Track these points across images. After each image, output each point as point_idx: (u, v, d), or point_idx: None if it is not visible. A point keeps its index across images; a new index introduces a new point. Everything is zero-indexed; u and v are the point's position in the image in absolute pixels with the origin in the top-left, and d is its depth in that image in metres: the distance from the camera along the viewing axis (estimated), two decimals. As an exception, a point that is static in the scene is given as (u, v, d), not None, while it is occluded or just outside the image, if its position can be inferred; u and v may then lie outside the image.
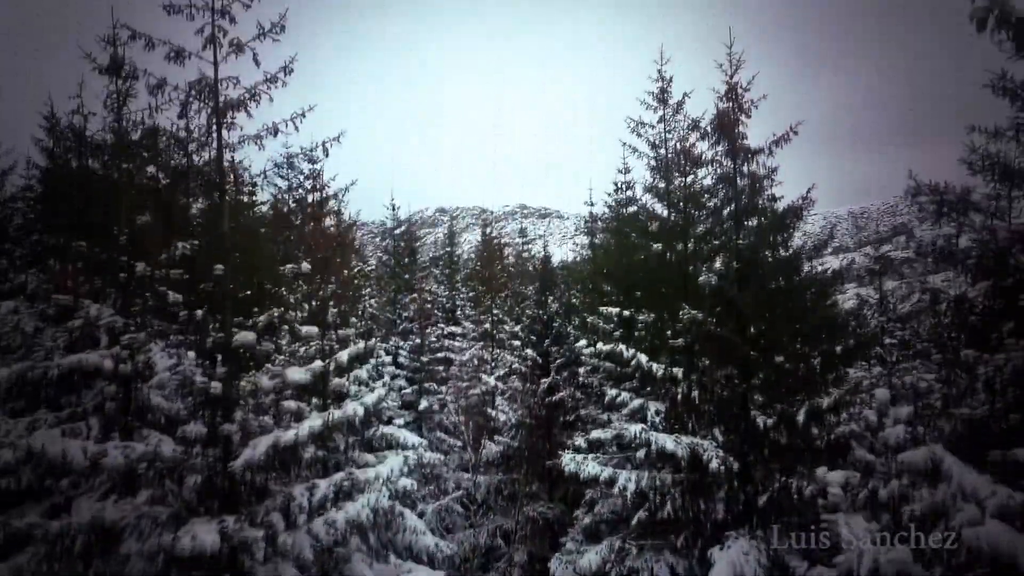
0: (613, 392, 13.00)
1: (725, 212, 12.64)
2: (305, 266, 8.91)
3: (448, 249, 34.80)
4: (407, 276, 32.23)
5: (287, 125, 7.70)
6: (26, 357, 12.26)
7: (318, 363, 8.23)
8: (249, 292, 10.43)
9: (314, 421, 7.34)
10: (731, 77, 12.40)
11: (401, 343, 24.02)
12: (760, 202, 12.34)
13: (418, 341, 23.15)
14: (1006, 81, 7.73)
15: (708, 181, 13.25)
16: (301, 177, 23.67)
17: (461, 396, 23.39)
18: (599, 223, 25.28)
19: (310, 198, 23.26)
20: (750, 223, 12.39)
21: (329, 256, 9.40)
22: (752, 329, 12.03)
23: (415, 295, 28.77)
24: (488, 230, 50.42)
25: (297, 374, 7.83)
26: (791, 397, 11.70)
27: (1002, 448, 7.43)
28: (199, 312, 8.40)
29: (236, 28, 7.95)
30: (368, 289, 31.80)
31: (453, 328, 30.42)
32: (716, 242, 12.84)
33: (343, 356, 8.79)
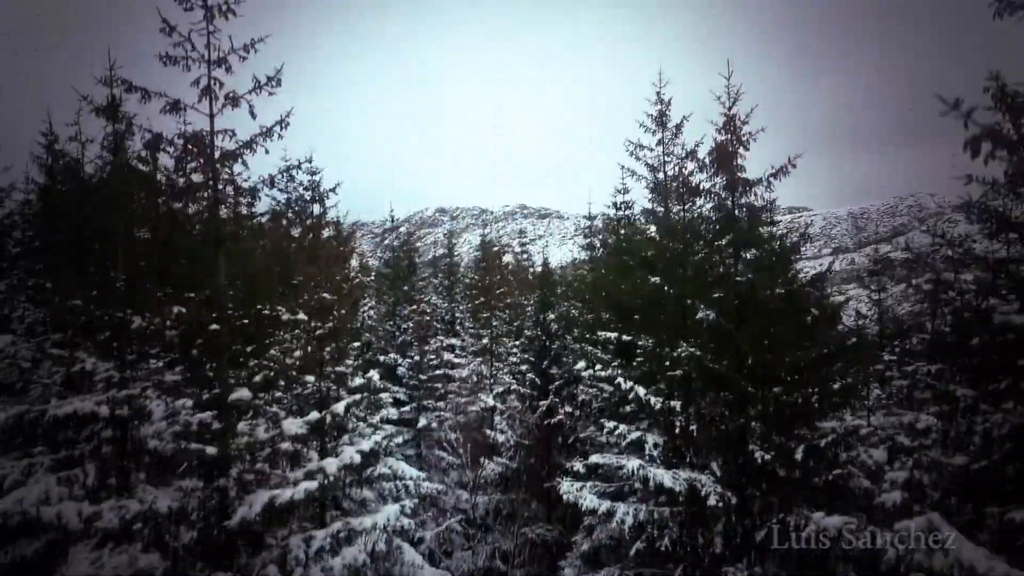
0: (611, 425, 12.97)
1: (723, 243, 12.61)
2: (301, 316, 8.91)
3: (447, 261, 34.71)
4: (406, 288, 32.24)
5: (282, 177, 7.69)
6: (24, 392, 12.25)
7: (315, 414, 8.22)
8: (247, 321, 10.45)
9: (310, 482, 7.33)
10: (729, 109, 12.37)
11: (400, 359, 24.00)
12: (759, 234, 12.32)
13: (417, 358, 23.13)
14: (1005, 135, 7.72)
15: (707, 209, 13.22)
16: (301, 189, 23.35)
17: (460, 412, 23.39)
18: (597, 240, 25.27)
19: (310, 209, 23.07)
20: (748, 255, 12.38)
21: (326, 300, 9.36)
22: (750, 360, 12.03)
23: (414, 307, 28.78)
24: (487, 235, 50.42)
25: (294, 426, 7.82)
26: (789, 431, 11.70)
27: (999, 504, 7.42)
28: (195, 351, 8.38)
29: (233, 78, 7.91)
30: (367, 300, 31.82)
31: (452, 341, 30.42)
32: (717, 271, 12.81)
33: (339, 407, 8.76)
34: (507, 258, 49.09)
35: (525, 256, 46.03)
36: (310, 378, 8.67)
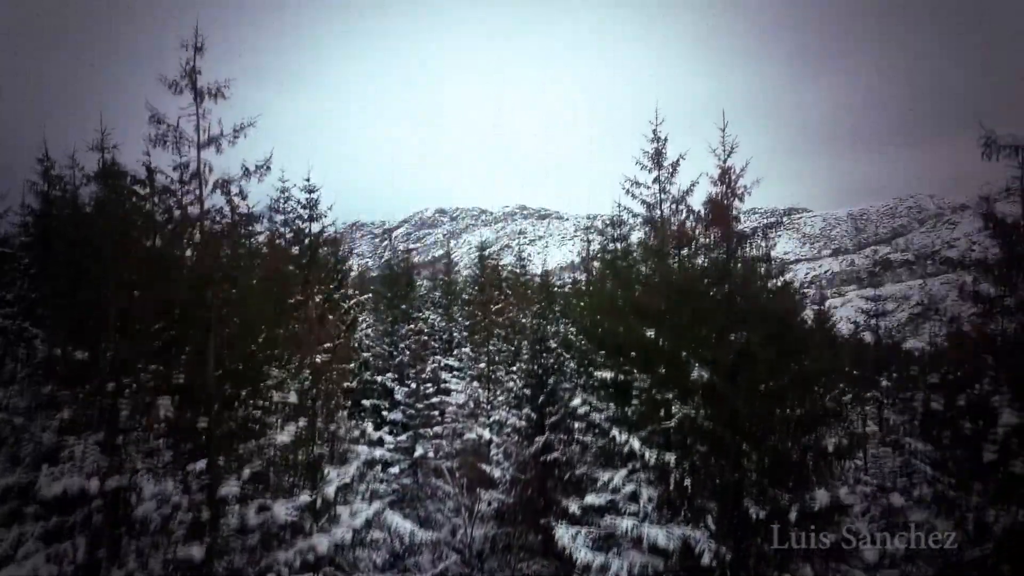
0: (606, 476, 12.93)
1: (717, 295, 12.55)
2: (292, 397, 8.88)
3: (445, 279, 34.60)
4: (404, 307, 32.16)
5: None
6: (17, 445, 12.21)
7: (306, 497, 8.19)
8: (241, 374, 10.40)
9: (299, 580, 7.31)
10: (724, 161, 12.32)
11: (397, 385, 23.93)
12: (754, 286, 12.27)
13: (414, 386, 23.09)
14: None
15: (702, 260, 13.17)
16: (300, 208, 22.81)
17: (457, 437, 23.33)
18: (595, 262, 25.22)
19: (308, 227, 22.57)
20: (743, 307, 12.31)
21: (318, 364, 9.34)
22: (744, 412, 11.99)
23: (412, 326, 28.70)
24: (486, 245, 50.20)
25: (283, 511, 7.78)
26: (784, 484, 11.66)
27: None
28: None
29: (223, 158, 7.86)
30: (364, 319, 31.70)
31: (450, 361, 30.35)
32: (712, 323, 12.74)
33: (330, 491, 8.73)
34: (506, 262, 48.81)
35: (523, 270, 45.69)
36: (301, 455, 8.64)
